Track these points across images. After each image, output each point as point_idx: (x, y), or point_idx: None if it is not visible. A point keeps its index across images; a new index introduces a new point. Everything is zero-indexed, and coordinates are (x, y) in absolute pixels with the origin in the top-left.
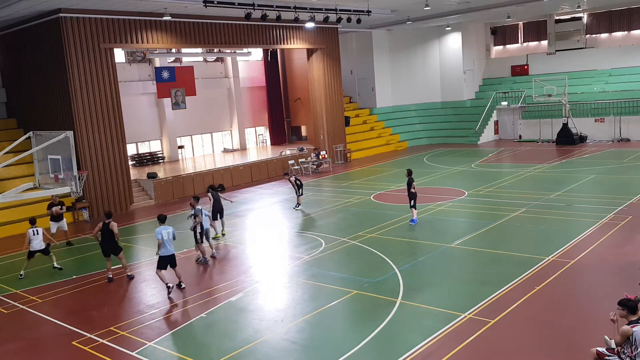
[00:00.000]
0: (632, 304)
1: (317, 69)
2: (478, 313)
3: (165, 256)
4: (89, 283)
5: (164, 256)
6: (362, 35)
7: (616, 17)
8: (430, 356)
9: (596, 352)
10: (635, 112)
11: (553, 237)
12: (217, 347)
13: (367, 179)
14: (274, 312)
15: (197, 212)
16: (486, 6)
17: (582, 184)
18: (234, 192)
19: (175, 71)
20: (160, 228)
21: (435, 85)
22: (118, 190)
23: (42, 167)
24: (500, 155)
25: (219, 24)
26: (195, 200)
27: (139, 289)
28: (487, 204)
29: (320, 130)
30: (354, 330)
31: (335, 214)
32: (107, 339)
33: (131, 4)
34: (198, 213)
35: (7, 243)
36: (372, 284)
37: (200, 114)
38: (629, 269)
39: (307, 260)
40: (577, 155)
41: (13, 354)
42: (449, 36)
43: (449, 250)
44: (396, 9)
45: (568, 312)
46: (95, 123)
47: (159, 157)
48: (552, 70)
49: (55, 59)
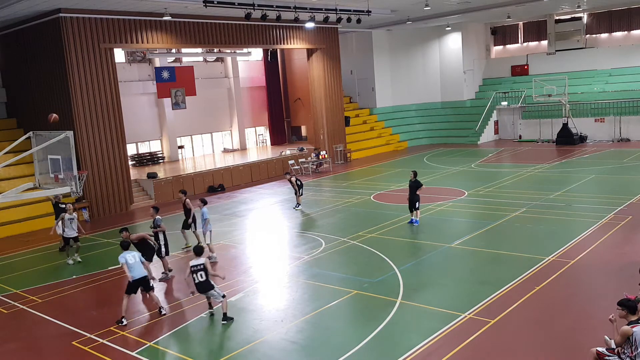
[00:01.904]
0: (631, 304)
1: (317, 69)
2: (478, 313)
3: (137, 279)
4: (89, 283)
5: (135, 280)
6: (362, 35)
7: (616, 17)
8: (430, 356)
9: (596, 352)
10: (635, 112)
11: (553, 237)
12: (217, 347)
13: (367, 179)
14: (274, 312)
15: (157, 222)
16: (486, 6)
17: (582, 184)
18: (234, 192)
19: (175, 71)
20: (124, 253)
21: (435, 85)
22: (118, 190)
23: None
24: (500, 155)
25: (219, 24)
26: (155, 210)
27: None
28: (487, 204)
29: (320, 130)
30: (354, 330)
31: (335, 214)
32: (107, 339)
33: (131, 4)
34: (159, 223)
35: (7, 243)
36: (372, 284)
37: (200, 114)
38: (629, 269)
39: (307, 260)
40: (577, 155)
41: (13, 354)
42: (449, 36)
43: (449, 250)
44: (396, 9)
45: (568, 312)
46: (95, 123)
47: (159, 157)
48: (552, 70)
49: (55, 59)
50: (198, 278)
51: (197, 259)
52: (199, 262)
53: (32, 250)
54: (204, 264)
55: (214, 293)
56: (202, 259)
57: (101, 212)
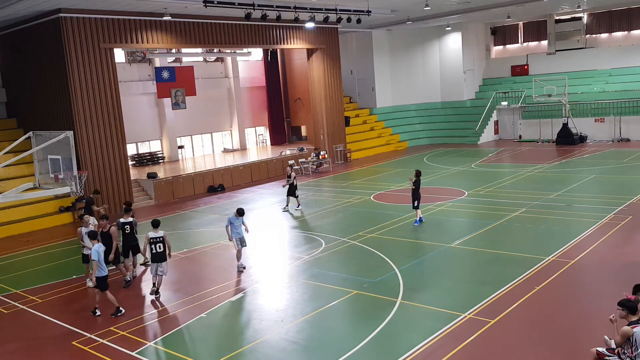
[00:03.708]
0: (631, 304)
1: (317, 69)
2: (478, 313)
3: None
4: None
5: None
6: (362, 35)
7: (616, 17)
8: (430, 356)
9: (596, 352)
10: (635, 112)
11: (553, 237)
12: (217, 347)
13: (367, 179)
14: (274, 312)
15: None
16: (486, 6)
17: (582, 184)
18: (234, 192)
19: (175, 71)
20: (97, 246)
21: (435, 85)
22: (118, 190)
23: (42, 167)
24: (500, 155)
25: (219, 24)
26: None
27: (139, 289)
28: (487, 204)
29: (320, 130)
30: (354, 330)
31: (335, 214)
32: (107, 339)
33: (131, 4)
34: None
35: (7, 243)
36: (372, 284)
37: (200, 114)
38: (629, 269)
39: (307, 260)
40: (577, 155)
41: (13, 354)
42: (449, 36)
43: (449, 250)
44: (396, 9)
45: (568, 312)
46: (95, 123)
47: (159, 157)
48: (552, 70)
49: (55, 59)
50: (156, 249)
51: (155, 231)
52: (158, 235)
53: (32, 250)
54: (163, 236)
55: (164, 266)
56: (161, 232)
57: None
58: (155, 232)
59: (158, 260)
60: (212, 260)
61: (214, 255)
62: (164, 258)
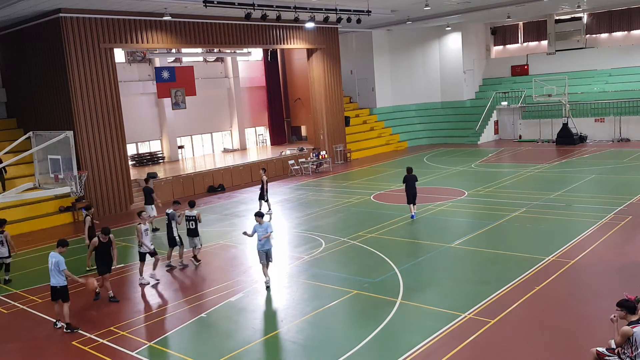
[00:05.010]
0: (630, 304)
1: (317, 69)
2: (478, 313)
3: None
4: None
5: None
6: (362, 35)
7: (616, 17)
8: (430, 356)
9: (596, 352)
10: (635, 112)
11: (553, 237)
12: (217, 347)
13: (367, 179)
14: (273, 312)
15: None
16: (486, 6)
17: (582, 184)
18: (234, 192)
19: (175, 71)
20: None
21: (435, 85)
22: (118, 190)
23: (42, 167)
24: (500, 155)
25: (219, 24)
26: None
27: (139, 289)
28: (487, 204)
29: (320, 130)
30: (354, 330)
31: (335, 214)
32: (107, 339)
33: (131, 4)
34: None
35: None
36: (372, 284)
37: (200, 114)
38: (629, 269)
39: (307, 260)
40: (577, 155)
41: (13, 354)
42: (449, 36)
43: (449, 250)
44: (396, 9)
45: (568, 312)
46: (95, 123)
47: (159, 157)
48: (552, 70)
49: (55, 59)
50: (190, 225)
51: (191, 210)
52: (193, 213)
53: (32, 250)
54: (196, 215)
55: (198, 240)
56: (195, 211)
57: (101, 212)
58: (190, 210)
59: (192, 235)
60: (212, 260)
61: (214, 255)
62: (196, 233)
